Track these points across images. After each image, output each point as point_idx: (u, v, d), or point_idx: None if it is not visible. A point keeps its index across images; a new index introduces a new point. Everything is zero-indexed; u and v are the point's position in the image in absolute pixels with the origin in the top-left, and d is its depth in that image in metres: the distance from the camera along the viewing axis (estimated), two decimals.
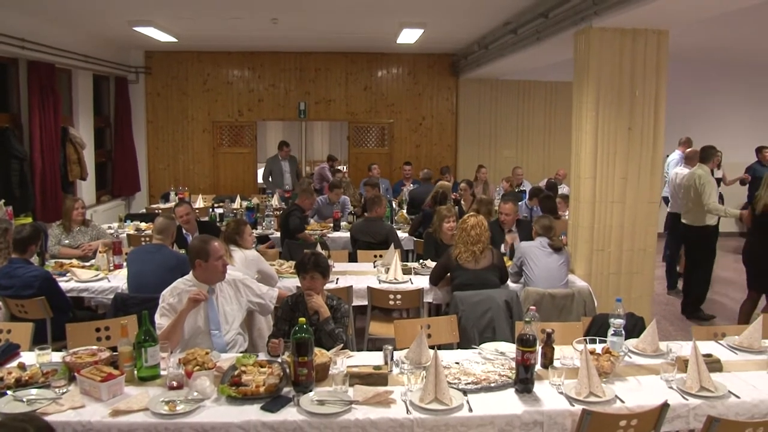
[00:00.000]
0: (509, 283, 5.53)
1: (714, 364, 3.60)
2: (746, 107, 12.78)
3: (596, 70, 6.23)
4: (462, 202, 8.66)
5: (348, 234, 7.49)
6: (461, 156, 12.84)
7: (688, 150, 8.69)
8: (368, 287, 5.38)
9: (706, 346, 3.94)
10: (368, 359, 3.72)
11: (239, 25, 9.44)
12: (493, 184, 11.01)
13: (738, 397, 3.30)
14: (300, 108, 12.63)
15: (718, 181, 10.90)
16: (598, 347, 3.74)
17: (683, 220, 7.71)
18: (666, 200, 9.63)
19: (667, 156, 9.68)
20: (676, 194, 8.52)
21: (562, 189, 9.67)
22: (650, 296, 6.75)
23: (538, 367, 3.48)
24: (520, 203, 8.38)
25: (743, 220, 6.96)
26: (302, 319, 3.30)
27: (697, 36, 8.79)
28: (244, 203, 9.43)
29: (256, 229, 8.09)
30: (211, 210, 9.36)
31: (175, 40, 10.30)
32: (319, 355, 3.44)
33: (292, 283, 5.37)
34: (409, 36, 9.88)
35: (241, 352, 3.98)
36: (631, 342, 3.97)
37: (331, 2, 7.81)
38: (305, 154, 18.23)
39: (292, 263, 5.89)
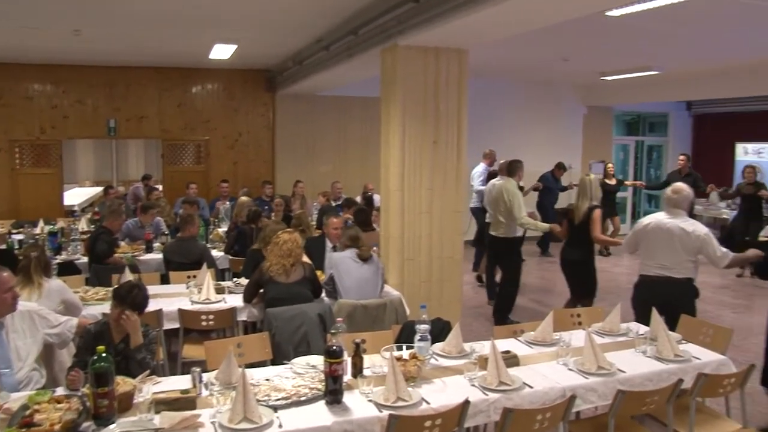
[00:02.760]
0: (324, 296, 5.58)
1: (511, 359, 3.87)
2: (546, 121, 14.00)
3: (402, 85, 6.50)
4: (273, 216, 8.67)
5: (161, 255, 7.22)
6: (279, 172, 12.82)
7: (501, 162, 8.60)
8: (179, 309, 5.20)
9: (506, 343, 4.23)
10: (178, 383, 3.57)
11: (36, 36, 8.78)
12: (310, 199, 11.10)
13: (531, 387, 3.58)
14: (109, 125, 11.97)
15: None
16: (406, 353, 3.87)
17: (491, 232, 7.88)
18: (474, 211, 10.10)
19: (473, 169, 10.22)
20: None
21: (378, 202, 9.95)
22: (459, 301, 7.12)
23: (347, 377, 3.54)
24: None
25: (554, 233, 7.19)
26: (101, 347, 3.12)
27: (499, 55, 9.41)
28: (48, 227, 8.75)
29: (60, 254, 7.56)
30: (8, 236, 8.60)
31: None
32: (122, 383, 3.27)
33: (98, 310, 5.08)
34: (221, 52, 9.76)
35: (37, 389, 3.69)
36: (438, 346, 4.14)
37: (136, 15, 7.47)
38: (117, 174, 17.37)
39: (99, 290, 5.60)
